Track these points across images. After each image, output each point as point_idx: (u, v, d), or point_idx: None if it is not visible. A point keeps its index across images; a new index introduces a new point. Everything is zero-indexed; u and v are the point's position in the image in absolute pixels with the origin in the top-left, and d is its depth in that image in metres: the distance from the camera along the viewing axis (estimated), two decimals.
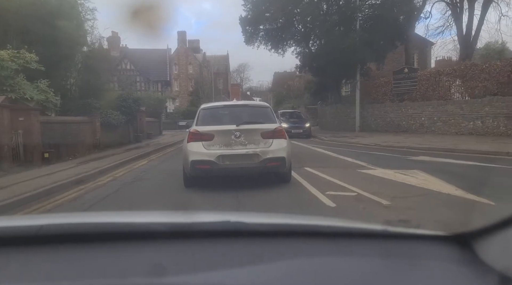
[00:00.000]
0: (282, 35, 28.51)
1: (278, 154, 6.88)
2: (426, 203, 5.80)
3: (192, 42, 77.72)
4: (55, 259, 1.06)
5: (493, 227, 1.09)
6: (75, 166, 11.00)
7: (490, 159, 9.97)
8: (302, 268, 1.02)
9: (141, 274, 0.98)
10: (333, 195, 6.30)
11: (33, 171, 10.00)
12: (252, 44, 29.48)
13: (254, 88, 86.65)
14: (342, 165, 10.43)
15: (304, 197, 6.38)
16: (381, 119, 23.29)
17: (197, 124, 7.22)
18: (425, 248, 1.18)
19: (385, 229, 1.22)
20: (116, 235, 1.15)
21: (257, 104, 9.64)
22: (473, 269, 1.04)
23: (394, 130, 22.05)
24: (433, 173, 7.99)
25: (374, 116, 23.86)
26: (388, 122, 22.78)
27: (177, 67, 74.29)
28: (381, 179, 7.79)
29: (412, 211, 5.29)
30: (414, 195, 6.29)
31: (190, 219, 1.30)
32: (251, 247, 1.15)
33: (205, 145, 6.80)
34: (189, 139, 7.02)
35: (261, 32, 29.05)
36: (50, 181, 8.26)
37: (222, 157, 6.73)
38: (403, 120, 21.68)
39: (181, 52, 73.36)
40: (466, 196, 6.00)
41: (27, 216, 3.87)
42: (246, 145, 6.82)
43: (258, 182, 7.30)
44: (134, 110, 21.39)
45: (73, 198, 7.11)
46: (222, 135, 6.82)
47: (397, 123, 22.11)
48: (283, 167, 7.01)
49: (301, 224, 1.37)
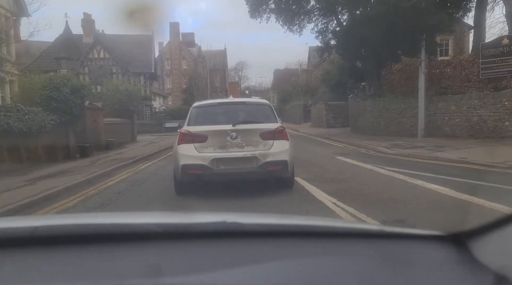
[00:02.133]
0: (300, 5, 20.41)
1: (280, 157, 6.26)
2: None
3: (186, 35, 70.86)
4: (50, 261, 1.05)
5: (488, 226, 1.08)
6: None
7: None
8: (299, 268, 1.02)
9: (137, 275, 0.97)
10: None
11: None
12: (259, 17, 21.36)
13: (252, 88, 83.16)
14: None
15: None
16: (462, 118, 14.94)
17: (189, 124, 6.59)
18: (421, 248, 1.17)
19: (381, 229, 1.24)
20: (112, 236, 1.13)
21: (256, 102, 8.26)
22: (469, 268, 1.03)
23: (488, 135, 13.81)
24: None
25: (448, 114, 15.49)
26: (475, 122, 14.46)
27: (170, 62, 67.88)
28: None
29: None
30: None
31: (187, 220, 1.32)
32: (247, 247, 1.15)
33: (198, 148, 6.23)
34: (180, 141, 6.39)
35: (271, 3, 20.91)
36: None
37: (216, 160, 6.14)
38: (506, 119, 13.41)
39: (173, 46, 66.44)
40: None
41: (22, 218, 3.74)
42: (244, 147, 6.26)
43: (257, 188, 6.61)
44: (75, 106, 12.97)
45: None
46: (216, 136, 6.26)
47: (492, 124, 13.84)
48: (285, 171, 6.36)
49: (297, 224, 1.38)
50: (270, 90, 75.27)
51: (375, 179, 7.87)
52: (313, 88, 45.77)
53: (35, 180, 8.54)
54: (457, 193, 6.04)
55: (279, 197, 6.29)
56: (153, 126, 32.73)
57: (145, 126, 32.39)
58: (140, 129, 31.92)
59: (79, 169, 10.20)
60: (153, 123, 33.05)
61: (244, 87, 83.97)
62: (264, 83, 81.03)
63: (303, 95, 44.63)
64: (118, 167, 10.73)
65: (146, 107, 37.46)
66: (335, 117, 28.07)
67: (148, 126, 32.57)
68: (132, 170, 10.56)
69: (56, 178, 8.77)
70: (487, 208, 5.12)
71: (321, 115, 29.77)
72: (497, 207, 5.04)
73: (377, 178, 7.98)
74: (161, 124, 32.61)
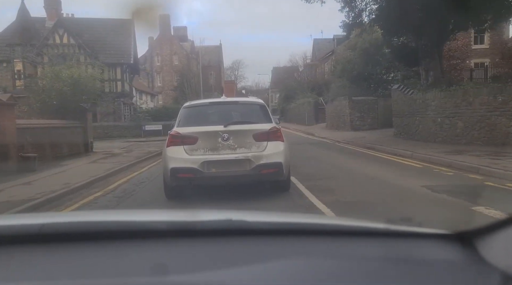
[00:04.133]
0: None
1: (274, 159, 5.89)
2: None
3: (178, 29, 65.07)
4: (56, 258, 1.04)
5: (496, 225, 1.06)
6: None
7: None
8: (305, 267, 1.01)
9: (143, 273, 0.96)
10: None
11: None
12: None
13: (249, 87, 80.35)
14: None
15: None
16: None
17: (178, 125, 6.20)
18: (427, 247, 1.14)
19: (387, 228, 1.20)
20: (118, 233, 1.12)
21: (249, 101, 7.92)
22: (476, 268, 1.01)
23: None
24: None
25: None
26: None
27: (160, 58, 63.21)
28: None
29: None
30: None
31: (192, 218, 1.28)
32: (253, 245, 1.12)
33: (188, 150, 5.85)
34: (169, 143, 6.01)
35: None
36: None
37: (207, 163, 5.76)
38: None
39: (164, 40, 61.17)
40: None
41: (28, 215, 3.58)
42: (236, 149, 5.88)
43: (251, 192, 6.18)
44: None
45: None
46: (207, 138, 5.90)
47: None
48: (280, 174, 6.00)
49: (303, 222, 1.35)
50: (269, 89, 69.38)
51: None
52: (321, 83, 39.29)
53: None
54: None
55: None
56: (130, 129, 26.02)
57: (119, 129, 25.68)
58: (114, 133, 25.22)
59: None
60: (130, 125, 26.28)
61: (241, 87, 79.59)
62: (261, 83, 77.92)
63: (309, 92, 38.11)
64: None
65: (125, 106, 30.78)
66: (362, 116, 21.47)
67: (123, 129, 25.86)
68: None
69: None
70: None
71: (341, 114, 23.14)
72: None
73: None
74: (141, 126, 25.88)
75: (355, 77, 24.00)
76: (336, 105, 24.28)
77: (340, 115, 23.49)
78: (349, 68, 24.27)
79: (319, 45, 50.82)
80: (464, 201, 5.45)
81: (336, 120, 24.42)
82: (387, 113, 20.84)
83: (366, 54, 23.39)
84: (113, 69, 28.45)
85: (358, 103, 21.59)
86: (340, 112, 23.39)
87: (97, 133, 24.80)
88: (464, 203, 5.32)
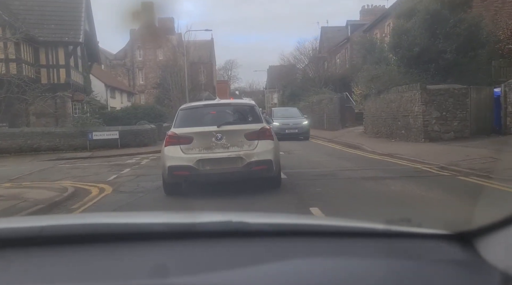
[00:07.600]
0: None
1: (264, 156, 6.25)
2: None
3: (163, 21, 55.90)
4: (57, 261, 1.02)
5: (495, 225, 1.03)
6: None
7: None
8: (305, 268, 0.99)
9: (144, 275, 0.94)
10: None
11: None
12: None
13: (243, 88, 76.31)
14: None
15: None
16: None
17: (175, 126, 6.66)
18: (427, 247, 1.12)
19: (387, 228, 1.17)
20: (118, 236, 1.10)
21: (241, 103, 8.90)
22: (476, 268, 1.00)
23: None
24: None
25: None
26: None
27: (142, 52, 55.31)
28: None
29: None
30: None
31: (192, 220, 1.26)
32: (253, 247, 1.11)
33: (184, 149, 6.24)
34: (167, 143, 6.45)
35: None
36: None
37: (202, 161, 6.17)
38: None
39: (147, 32, 52.34)
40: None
41: (28, 218, 3.61)
42: (229, 148, 6.27)
43: (244, 188, 6.50)
44: None
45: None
46: (201, 138, 6.29)
47: None
48: (270, 171, 6.35)
49: (303, 223, 1.33)
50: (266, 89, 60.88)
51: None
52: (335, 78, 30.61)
53: None
54: None
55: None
56: (70, 137, 16.80)
57: (52, 138, 16.47)
58: (43, 144, 16.20)
59: None
60: (70, 132, 17.02)
61: (234, 88, 75.14)
62: (256, 84, 74.00)
63: (324, 86, 29.34)
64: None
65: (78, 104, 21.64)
66: (445, 117, 12.55)
67: (59, 137, 16.62)
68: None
69: None
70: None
71: (401, 114, 14.20)
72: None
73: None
74: (87, 133, 16.70)
75: (415, 56, 15.15)
76: (387, 101, 15.33)
77: (397, 116, 14.58)
78: (405, 44, 15.39)
79: (327, 35, 42.48)
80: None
81: (386, 123, 15.53)
82: (480, 112, 12.20)
83: (436, 21, 14.57)
84: (54, 49, 19.34)
85: (437, 95, 12.67)
86: (398, 111, 14.46)
87: (16, 145, 15.72)
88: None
